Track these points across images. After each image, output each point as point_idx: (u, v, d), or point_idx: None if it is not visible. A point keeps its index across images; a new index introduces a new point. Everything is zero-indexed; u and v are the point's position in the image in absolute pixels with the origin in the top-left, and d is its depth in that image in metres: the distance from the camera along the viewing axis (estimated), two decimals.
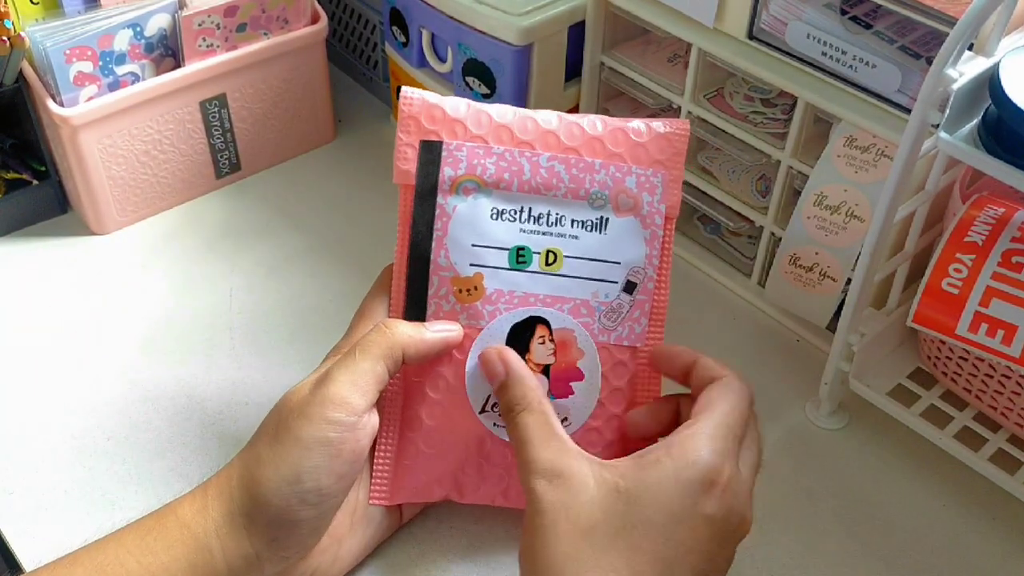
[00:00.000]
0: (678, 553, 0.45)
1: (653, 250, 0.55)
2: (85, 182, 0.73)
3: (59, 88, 0.69)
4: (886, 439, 0.63)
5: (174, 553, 0.48)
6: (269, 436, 0.50)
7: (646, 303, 0.55)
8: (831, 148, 0.62)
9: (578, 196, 0.54)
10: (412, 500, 0.54)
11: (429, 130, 0.54)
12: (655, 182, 0.55)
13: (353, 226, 0.78)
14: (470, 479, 0.54)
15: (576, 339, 0.53)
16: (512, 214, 0.54)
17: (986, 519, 0.59)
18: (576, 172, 0.54)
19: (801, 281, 0.66)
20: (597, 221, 0.54)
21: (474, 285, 0.53)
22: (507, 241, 0.53)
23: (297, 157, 0.85)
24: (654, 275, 0.55)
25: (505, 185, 0.54)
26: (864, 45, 0.58)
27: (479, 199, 0.54)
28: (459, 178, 0.54)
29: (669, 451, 0.46)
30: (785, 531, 0.58)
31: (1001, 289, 0.53)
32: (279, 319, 0.70)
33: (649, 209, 0.55)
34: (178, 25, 0.72)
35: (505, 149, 0.54)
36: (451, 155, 0.54)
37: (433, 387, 0.54)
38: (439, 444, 0.53)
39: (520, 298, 0.53)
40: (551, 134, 0.55)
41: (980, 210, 0.56)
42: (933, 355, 0.62)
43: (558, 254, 0.53)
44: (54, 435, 0.62)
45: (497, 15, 0.70)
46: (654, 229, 0.55)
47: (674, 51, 0.73)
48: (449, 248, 0.53)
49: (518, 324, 0.53)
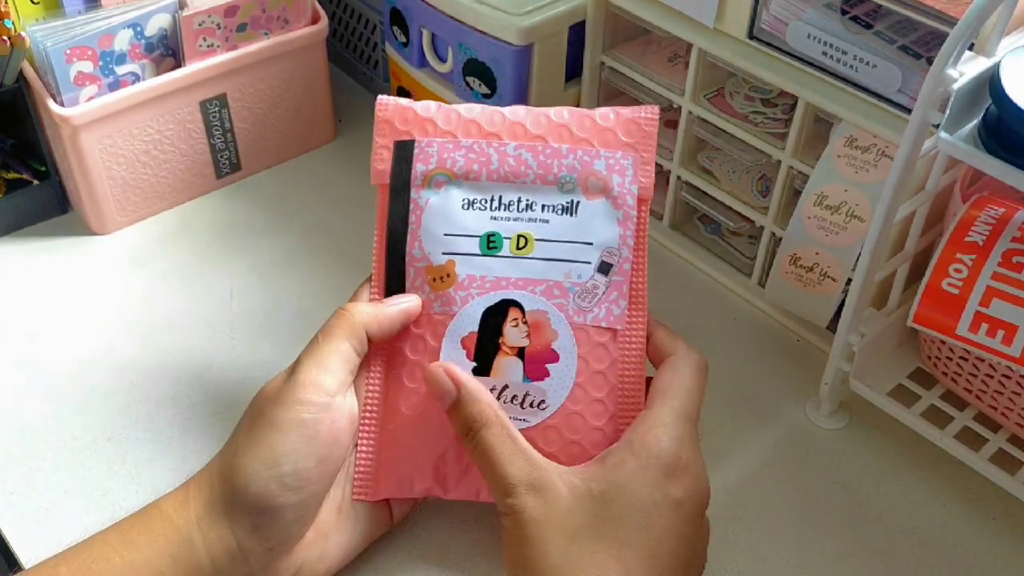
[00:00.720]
0: (658, 540, 0.47)
1: (627, 231, 0.55)
2: (85, 182, 0.73)
3: (59, 88, 0.69)
4: (886, 439, 0.63)
5: (156, 547, 0.48)
6: (246, 426, 0.50)
7: (623, 284, 0.55)
8: (831, 148, 0.62)
9: (547, 181, 0.55)
10: (395, 495, 0.54)
11: (402, 131, 0.57)
12: (625, 164, 0.55)
13: (353, 226, 0.78)
14: (452, 470, 0.54)
15: (550, 320, 0.53)
16: (482, 203, 0.55)
17: (986, 519, 0.59)
18: (543, 159, 0.55)
19: (801, 281, 0.66)
20: (568, 204, 0.55)
21: (447, 272, 0.54)
22: (478, 229, 0.55)
23: (297, 157, 0.85)
24: (630, 256, 0.55)
25: (474, 176, 0.55)
26: (865, 45, 0.58)
27: (450, 191, 0.55)
28: (430, 172, 0.56)
29: (631, 449, 0.49)
30: (785, 531, 0.58)
31: (1001, 289, 0.53)
32: (279, 319, 0.70)
33: (620, 191, 0.55)
34: (178, 25, 0.72)
35: (473, 141, 0.56)
36: (422, 151, 0.56)
37: (411, 377, 0.54)
38: (419, 434, 0.54)
39: (492, 282, 0.54)
40: (518, 124, 0.56)
41: (980, 210, 0.56)
42: (933, 355, 0.62)
43: (529, 238, 0.54)
44: (54, 435, 0.62)
45: (497, 15, 0.70)
46: (627, 210, 0.55)
47: (674, 51, 0.73)
48: (423, 239, 0.55)
49: (491, 308, 0.54)
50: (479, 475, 0.53)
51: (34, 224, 0.77)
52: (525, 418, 0.53)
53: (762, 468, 0.62)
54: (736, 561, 0.57)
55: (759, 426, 0.64)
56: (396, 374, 0.55)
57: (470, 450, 0.51)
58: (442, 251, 0.55)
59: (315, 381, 0.50)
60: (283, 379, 0.51)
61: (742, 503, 0.59)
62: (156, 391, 0.65)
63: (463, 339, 0.54)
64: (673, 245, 0.77)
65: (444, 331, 0.54)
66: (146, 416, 0.63)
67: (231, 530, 0.49)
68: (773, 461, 0.62)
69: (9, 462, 0.60)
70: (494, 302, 0.54)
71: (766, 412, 0.65)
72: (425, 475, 0.54)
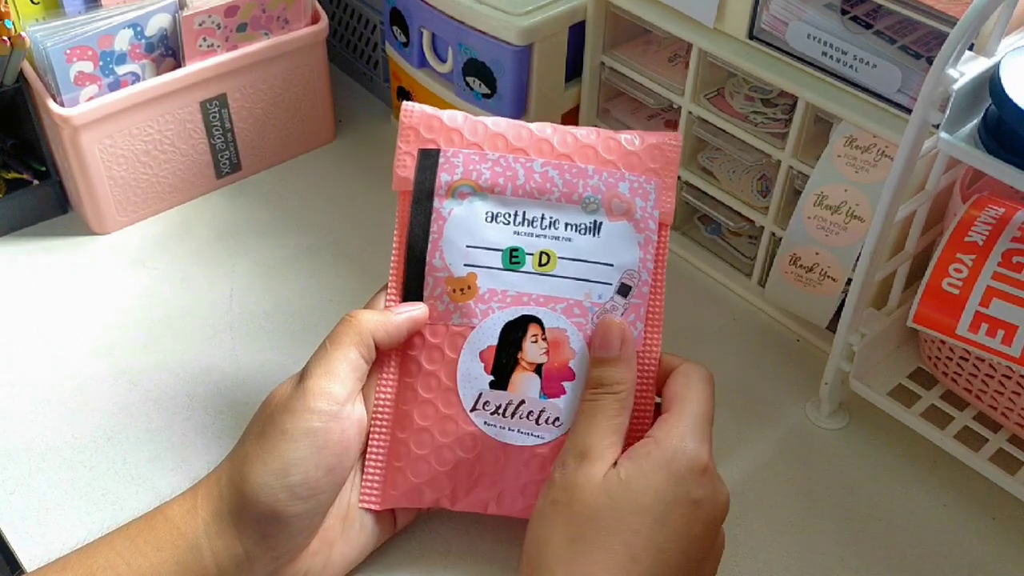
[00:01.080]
0: (669, 536, 0.47)
1: (647, 254, 0.55)
2: (85, 182, 0.73)
3: (59, 88, 0.69)
4: (886, 439, 0.63)
5: (163, 555, 0.48)
6: (255, 434, 0.50)
7: (641, 307, 0.55)
8: (831, 148, 0.62)
9: (571, 200, 0.55)
10: (403, 504, 0.54)
11: (427, 139, 0.56)
12: (648, 188, 0.56)
13: (353, 226, 0.78)
14: (462, 483, 0.54)
15: (569, 338, 0.54)
16: (506, 217, 0.55)
17: (986, 519, 0.59)
18: (569, 177, 0.55)
19: (801, 281, 0.66)
20: (590, 224, 0.55)
21: (468, 284, 0.54)
22: (501, 242, 0.55)
23: (297, 157, 0.85)
24: (649, 279, 0.55)
25: (500, 189, 0.55)
26: (865, 45, 0.58)
27: (474, 202, 0.55)
28: (455, 183, 0.55)
29: (658, 444, 0.49)
30: (785, 531, 0.58)
31: (1001, 289, 0.53)
32: (279, 319, 0.70)
33: (642, 214, 0.55)
34: (178, 25, 0.72)
35: (500, 155, 0.56)
36: (448, 161, 0.56)
37: (425, 387, 0.54)
38: (430, 444, 0.53)
39: (513, 297, 0.54)
40: (545, 141, 0.56)
41: (980, 210, 0.56)
42: (933, 355, 0.62)
43: (551, 255, 0.54)
44: (54, 435, 0.62)
45: (498, 15, 0.70)
46: (648, 234, 0.55)
47: (674, 51, 0.74)
48: (444, 249, 0.55)
49: (511, 322, 0.54)
50: (488, 488, 0.53)
51: (34, 224, 0.77)
52: (541, 435, 0.53)
53: (762, 468, 0.62)
54: (736, 561, 0.57)
55: (759, 426, 0.64)
56: (410, 383, 0.54)
57: (585, 402, 0.51)
58: (464, 263, 0.54)
59: (324, 389, 0.50)
60: (292, 385, 0.51)
61: (742, 503, 0.59)
62: (156, 391, 0.65)
63: (482, 352, 0.54)
64: (673, 245, 0.77)
65: (463, 343, 0.54)
66: (146, 416, 0.63)
67: (239, 539, 0.48)
68: (773, 461, 0.62)
69: (9, 462, 0.60)
70: (515, 317, 0.54)
71: (766, 412, 0.65)
72: (435, 486, 0.54)
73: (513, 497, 0.53)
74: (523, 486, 0.53)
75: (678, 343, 0.69)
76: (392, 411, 0.54)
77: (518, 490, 0.53)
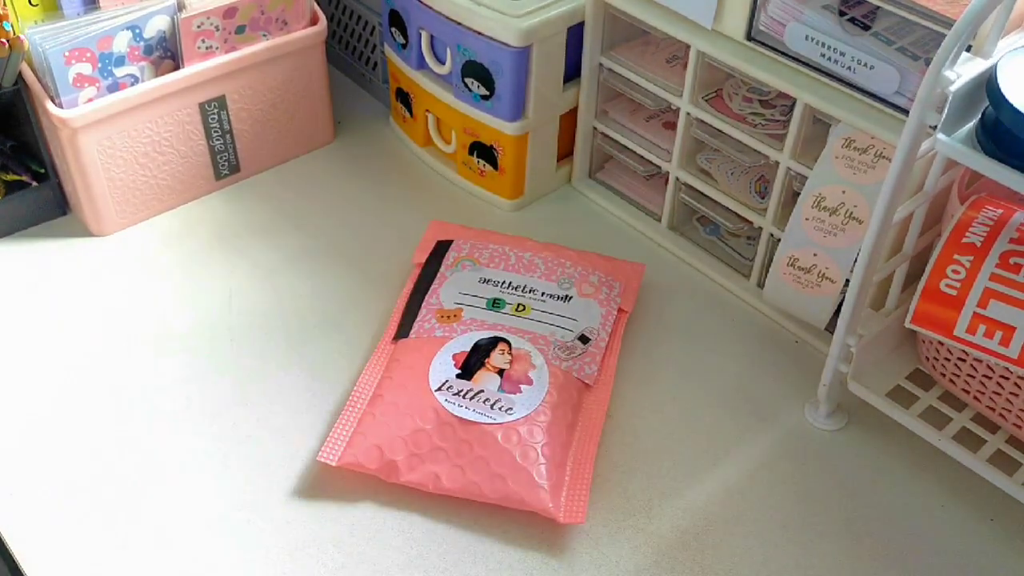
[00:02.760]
0: None
1: (607, 324, 0.68)
2: (84, 184, 0.73)
3: (58, 90, 0.69)
4: (885, 440, 0.63)
5: None
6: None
7: (597, 356, 0.66)
8: (829, 149, 0.62)
9: (550, 279, 0.70)
10: (358, 463, 0.59)
11: (445, 238, 0.74)
12: (615, 285, 0.71)
13: (352, 227, 0.78)
14: (415, 452, 0.59)
15: (531, 356, 0.64)
16: (495, 283, 0.70)
17: (984, 519, 0.59)
18: (551, 265, 0.71)
19: (800, 282, 0.66)
20: (563, 295, 0.69)
21: (454, 314, 0.67)
22: (487, 295, 0.69)
23: (296, 158, 0.85)
24: (607, 339, 0.67)
25: (494, 266, 0.71)
26: (862, 46, 0.58)
27: (472, 271, 0.71)
28: (460, 258, 0.72)
29: None
30: (785, 531, 0.58)
31: (999, 290, 0.53)
32: (278, 320, 0.70)
33: (607, 298, 0.70)
34: (177, 27, 0.72)
35: (499, 246, 0.72)
36: (457, 247, 0.73)
37: (401, 379, 0.63)
38: (394, 413, 0.61)
39: (490, 325, 0.66)
40: (535, 243, 0.73)
41: (978, 211, 0.56)
42: (932, 356, 0.62)
43: (527, 307, 0.68)
44: (54, 436, 0.62)
45: (496, 17, 0.70)
46: (610, 310, 0.69)
47: (673, 52, 0.74)
48: (440, 293, 0.69)
49: (484, 339, 0.65)
50: (437, 463, 0.58)
51: (34, 226, 0.77)
52: (493, 417, 0.60)
53: (760, 469, 0.62)
54: (735, 561, 0.57)
55: (757, 427, 0.64)
56: (388, 376, 0.64)
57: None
58: (455, 301, 0.68)
59: None
60: None
61: (740, 503, 0.59)
62: (156, 391, 0.65)
63: (455, 355, 0.63)
64: (672, 246, 0.77)
65: (440, 348, 0.64)
66: (145, 417, 0.63)
67: None
68: (771, 462, 0.62)
69: (9, 462, 0.60)
70: (487, 336, 0.65)
71: (764, 413, 0.65)
72: (391, 447, 0.59)
73: (455, 474, 0.58)
74: (467, 463, 0.58)
75: (676, 345, 0.70)
76: (369, 391, 0.63)
77: (462, 466, 0.58)
